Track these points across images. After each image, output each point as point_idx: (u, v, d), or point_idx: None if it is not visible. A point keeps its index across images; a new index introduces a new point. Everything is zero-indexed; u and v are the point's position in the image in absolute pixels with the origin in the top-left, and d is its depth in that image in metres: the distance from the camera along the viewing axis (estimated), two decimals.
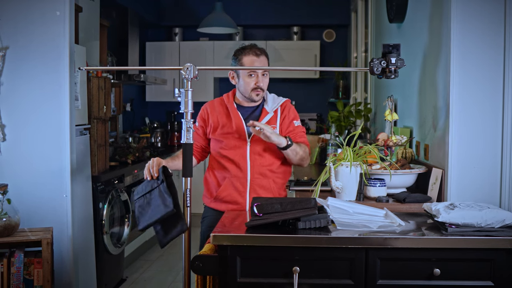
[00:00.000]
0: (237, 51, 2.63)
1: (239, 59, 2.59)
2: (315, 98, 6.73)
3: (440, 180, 2.39)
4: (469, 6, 2.29)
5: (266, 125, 2.46)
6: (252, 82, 2.56)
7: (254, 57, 2.57)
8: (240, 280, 1.86)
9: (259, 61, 2.57)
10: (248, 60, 2.56)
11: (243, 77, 2.57)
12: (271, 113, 2.62)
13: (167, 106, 6.72)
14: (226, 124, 2.59)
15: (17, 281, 2.55)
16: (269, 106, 2.64)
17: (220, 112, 2.63)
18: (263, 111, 2.63)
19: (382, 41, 4.07)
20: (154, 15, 6.47)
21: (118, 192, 4.00)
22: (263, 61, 2.58)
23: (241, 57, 2.58)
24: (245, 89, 2.58)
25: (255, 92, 2.57)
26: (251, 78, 2.56)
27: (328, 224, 1.93)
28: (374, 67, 2.08)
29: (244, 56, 2.58)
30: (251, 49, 2.58)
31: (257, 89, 2.57)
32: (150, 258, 4.86)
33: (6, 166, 2.77)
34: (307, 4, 6.46)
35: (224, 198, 2.56)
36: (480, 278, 1.85)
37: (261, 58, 2.58)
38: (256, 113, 2.64)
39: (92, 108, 3.57)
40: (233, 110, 2.62)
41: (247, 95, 2.60)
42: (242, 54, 2.59)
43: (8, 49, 2.74)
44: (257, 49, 2.59)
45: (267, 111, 2.63)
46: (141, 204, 2.19)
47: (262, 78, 2.57)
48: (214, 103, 2.68)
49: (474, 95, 2.31)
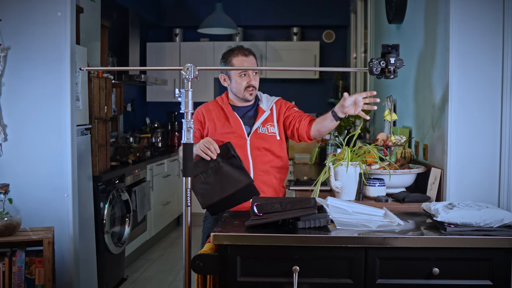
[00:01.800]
0: (225, 53, 2.68)
1: (228, 60, 2.64)
2: (314, 99, 6.74)
3: (439, 180, 2.40)
4: (467, 7, 2.31)
5: None
6: (244, 82, 2.61)
7: (243, 57, 2.63)
8: (240, 280, 1.87)
9: (248, 61, 2.63)
10: (238, 60, 2.62)
11: (235, 78, 2.62)
12: (267, 111, 2.67)
13: (167, 106, 6.73)
14: (225, 125, 2.63)
15: (19, 280, 2.56)
16: (264, 105, 2.69)
17: (216, 114, 2.67)
18: (260, 110, 2.68)
19: (381, 41, 4.08)
20: (154, 16, 6.48)
21: (119, 192, 4.01)
22: (251, 61, 2.65)
23: (231, 58, 2.64)
24: (238, 89, 2.63)
25: (248, 91, 2.62)
26: (243, 78, 2.61)
27: (327, 223, 1.94)
28: (373, 68, 2.09)
29: (234, 57, 2.63)
30: (239, 50, 2.65)
31: (250, 87, 2.62)
32: (150, 258, 4.87)
33: (7, 166, 2.77)
34: (307, 5, 6.47)
35: None
36: (478, 277, 1.86)
37: (250, 58, 2.64)
38: (252, 112, 2.69)
39: (93, 108, 3.58)
40: (229, 110, 2.66)
41: (240, 95, 2.64)
42: (231, 56, 2.64)
43: (9, 50, 2.75)
44: (245, 50, 2.66)
45: (263, 110, 2.67)
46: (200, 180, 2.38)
47: (253, 76, 2.63)
48: (209, 106, 2.72)
49: (473, 95, 2.32)
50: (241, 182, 2.36)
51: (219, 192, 2.37)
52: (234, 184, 2.36)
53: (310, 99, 6.73)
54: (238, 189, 2.36)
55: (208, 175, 2.40)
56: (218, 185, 2.38)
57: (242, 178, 2.38)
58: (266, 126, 2.64)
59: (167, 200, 5.57)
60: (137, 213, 4.40)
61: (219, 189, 2.37)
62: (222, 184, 2.37)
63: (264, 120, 2.65)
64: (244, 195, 2.38)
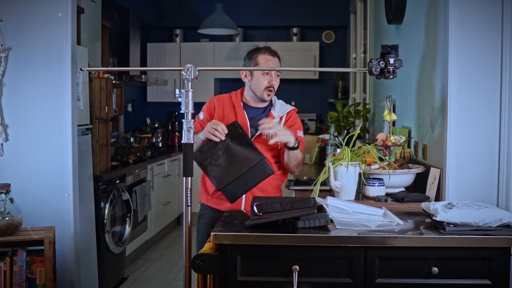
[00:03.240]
0: (251, 50, 2.67)
1: (254, 57, 2.63)
2: (314, 99, 6.76)
3: (438, 180, 2.41)
4: (466, 7, 2.31)
5: (277, 124, 2.48)
6: (265, 81, 2.60)
7: (270, 56, 2.63)
8: (240, 279, 1.88)
9: (274, 61, 2.63)
10: (263, 59, 2.61)
11: (257, 76, 2.61)
12: (276, 119, 2.64)
13: (168, 106, 6.74)
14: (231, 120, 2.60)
15: (20, 279, 2.57)
16: (276, 112, 2.67)
17: (227, 107, 2.65)
18: (269, 116, 2.66)
19: (380, 42, 4.09)
20: (155, 16, 6.49)
21: (120, 191, 4.02)
22: (276, 62, 2.65)
23: (256, 55, 2.63)
24: (258, 87, 2.61)
25: (267, 91, 2.61)
26: (265, 76, 2.60)
27: (327, 223, 1.95)
28: (372, 68, 2.09)
29: (260, 54, 2.62)
30: (266, 49, 2.65)
31: (270, 87, 2.61)
32: (151, 257, 4.88)
33: (8, 166, 2.78)
34: (306, 5, 6.48)
35: (221, 196, 2.56)
36: (477, 277, 1.86)
37: (275, 59, 2.65)
38: (262, 116, 2.66)
39: (94, 108, 3.59)
40: (239, 108, 2.64)
41: (258, 93, 2.62)
42: (258, 53, 2.63)
43: (10, 50, 2.76)
44: (272, 50, 2.66)
45: (273, 116, 2.65)
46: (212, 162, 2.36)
47: (275, 78, 2.62)
48: (223, 98, 2.70)
49: (472, 95, 2.33)
50: (252, 160, 2.37)
51: (232, 172, 2.36)
52: (246, 163, 2.36)
53: (309, 99, 6.74)
54: (250, 167, 2.36)
55: (219, 156, 2.39)
56: (230, 165, 2.37)
57: (252, 156, 2.38)
58: None
59: (168, 200, 5.58)
60: (137, 212, 4.42)
61: (231, 170, 2.36)
62: (234, 164, 2.36)
63: None
64: (257, 174, 2.38)
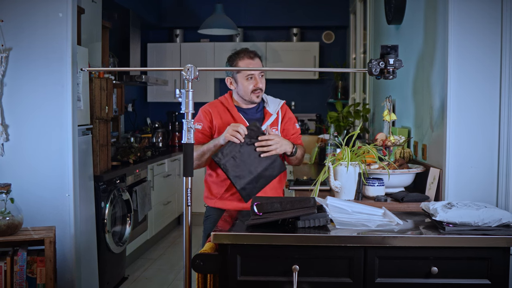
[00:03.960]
0: (231, 56, 2.66)
1: (234, 64, 2.62)
2: (314, 99, 6.76)
3: (438, 180, 2.42)
4: (466, 8, 2.32)
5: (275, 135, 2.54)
6: (250, 85, 2.60)
7: (250, 60, 2.61)
8: (240, 279, 1.88)
9: (254, 63, 2.61)
10: (244, 63, 2.60)
11: (241, 81, 2.61)
12: (274, 115, 2.67)
13: (168, 106, 6.75)
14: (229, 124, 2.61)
15: (20, 279, 2.57)
16: (271, 108, 2.69)
17: (223, 114, 2.66)
18: (266, 113, 2.67)
19: (380, 42, 4.10)
20: (155, 16, 6.49)
21: (120, 191, 4.03)
22: (257, 63, 2.63)
23: (237, 61, 2.62)
24: (245, 92, 2.62)
25: (255, 94, 2.62)
26: (249, 81, 2.60)
27: (327, 223, 1.95)
28: (372, 68, 2.10)
29: (240, 60, 2.62)
30: (245, 53, 2.63)
31: (257, 90, 2.61)
32: (151, 257, 4.89)
33: (9, 166, 2.79)
34: (306, 6, 6.48)
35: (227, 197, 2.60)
36: (477, 276, 1.87)
37: (256, 60, 2.63)
38: (258, 115, 2.68)
39: (94, 108, 3.60)
40: (235, 112, 2.65)
41: (247, 97, 2.63)
42: (237, 59, 2.62)
43: (11, 50, 2.77)
44: (250, 52, 2.64)
45: (270, 113, 2.67)
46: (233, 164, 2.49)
47: (260, 79, 2.61)
48: (214, 104, 2.71)
49: (471, 95, 2.34)
50: (267, 159, 2.51)
51: (251, 171, 2.49)
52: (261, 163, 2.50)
53: (309, 100, 6.75)
54: (267, 165, 2.51)
55: (238, 157, 2.49)
56: (248, 164, 2.48)
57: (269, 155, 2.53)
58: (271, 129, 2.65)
59: (168, 200, 5.58)
60: (138, 212, 4.42)
61: (249, 169, 2.49)
62: (253, 163, 2.49)
63: (270, 124, 2.66)
64: (271, 172, 2.52)
